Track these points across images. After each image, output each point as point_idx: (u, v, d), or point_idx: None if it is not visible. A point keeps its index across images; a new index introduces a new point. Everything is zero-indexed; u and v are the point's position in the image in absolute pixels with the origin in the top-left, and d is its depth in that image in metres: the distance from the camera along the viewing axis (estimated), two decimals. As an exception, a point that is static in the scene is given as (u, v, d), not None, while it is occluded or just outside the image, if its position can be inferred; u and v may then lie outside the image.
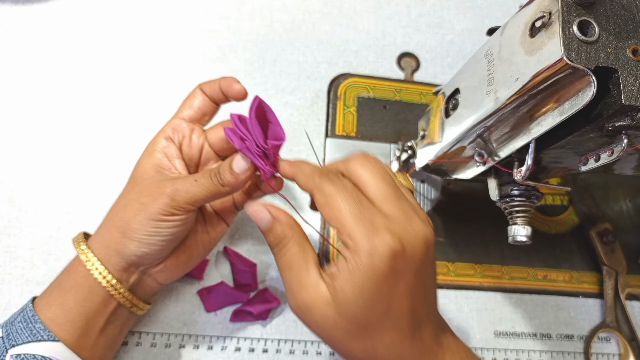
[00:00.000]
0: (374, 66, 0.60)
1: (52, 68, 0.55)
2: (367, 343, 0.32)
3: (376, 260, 0.30)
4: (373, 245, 0.30)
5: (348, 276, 0.30)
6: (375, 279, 0.30)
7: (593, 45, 0.28)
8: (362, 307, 0.30)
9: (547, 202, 0.57)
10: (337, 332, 0.32)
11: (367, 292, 0.30)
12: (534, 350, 0.51)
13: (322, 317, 0.31)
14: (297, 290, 0.32)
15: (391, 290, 0.31)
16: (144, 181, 0.39)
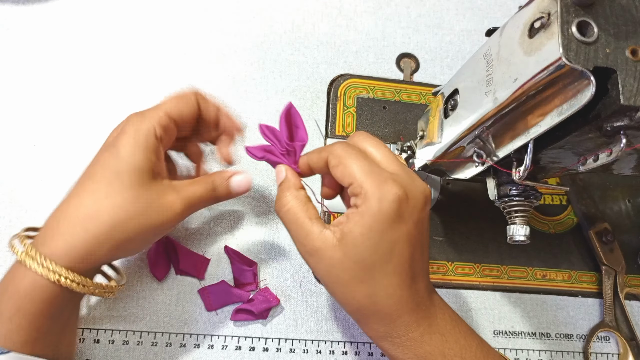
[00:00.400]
0: (374, 67, 0.60)
1: (53, 68, 0.55)
2: (369, 287, 0.35)
3: (384, 204, 0.34)
4: (382, 191, 0.34)
5: (358, 219, 0.34)
6: (382, 221, 0.34)
7: (592, 45, 0.28)
8: (369, 247, 0.34)
9: (546, 201, 0.57)
10: (343, 274, 0.35)
11: (374, 233, 0.34)
12: (533, 350, 0.51)
13: (330, 259, 0.35)
14: (305, 238, 0.36)
15: (395, 234, 0.35)
16: (143, 187, 0.37)
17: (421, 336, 0.37)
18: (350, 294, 0.36)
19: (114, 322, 0.47)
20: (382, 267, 0.35)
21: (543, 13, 0.29)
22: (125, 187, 0.36)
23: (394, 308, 0.36)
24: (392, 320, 0.36)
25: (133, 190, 0.36)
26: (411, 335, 0.37)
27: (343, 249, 0.35)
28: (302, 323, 0.49)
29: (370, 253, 0.34)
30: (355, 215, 0.34)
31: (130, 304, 0.48)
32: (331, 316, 0.50)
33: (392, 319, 0.36)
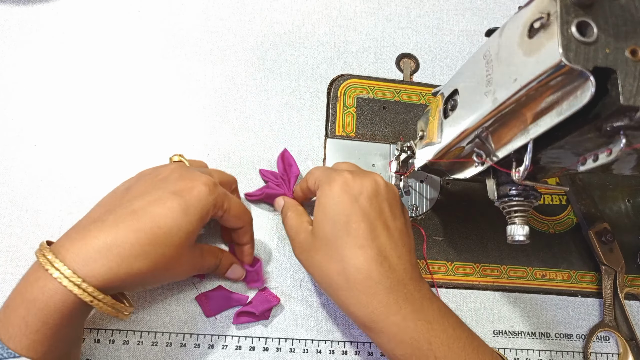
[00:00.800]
0: (374, 67, 0.60)
1: (53, 68, 0.55)
2: (338, 263, 0.40)
3: (333, 185, 0.42)
4: (330, 178, 0.43)
5: (317, 204, 0.43)
6: (333, 198, 0.41)
7: (592, 45, 0.28)
8: (327, 224, 0.41)
9: (546, 201, 0.57)
10: (315, 255, 0.42)
11: (328, 210, 0.41)
12: (533, 350, 0.51)
13: (306, 244, 0.43)
14: (296, 234, 0.45)
15: (347, 208, 0.41)
16: (182, 249, 0.39)
17: (404, 320, 0.38)
18: (326, 274, 0.41)
19: (114, 322, 0.47)
20: (343, 240, 0.40)
21: (543, 13, 0.29)
22: (179, 242, 0.38)
23: (366, 284, 0.39)
24: (368, 298, 0.39)
25: (181, 248, 0.38)
26: (392, 319, 0.38)
27: (313, 232, 0.42)
28: (302, 323, 0.49)
29: (330, 228, 0.41)
30: (316, 206, 0.42)
31: (131, 304, 0.48)
32: (331, 316, 0.50)
33: (367, 297, 0.39)
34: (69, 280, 0.34)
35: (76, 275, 0.34)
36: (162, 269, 0.38)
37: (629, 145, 0.29)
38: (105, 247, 0.35)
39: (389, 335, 0.38)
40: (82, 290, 0.34)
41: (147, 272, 0.37)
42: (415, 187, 0.55)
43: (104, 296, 0.35)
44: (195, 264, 0.42)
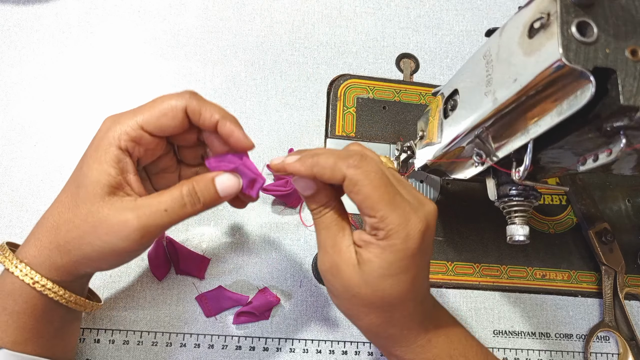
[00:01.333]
0: (374, 67, 0.60)
1: (53, 68, 0.55)
2: (386, 313, 0.35)
3: (409, 243, 0.32)
4: (407, 229, 0.32)
5: (379, 252, 0.33)
6: (406, 258, 0.33)
7: (592, 45, 0.28)
8: (389, 284, 0.33)
9: (546, 201, 0.57)
10: (359, 298, 0.34)
11: (396, 270, 0.33)
12: (533, 350, 0.51)
13: (348, 280, 0.34)
14: (331, 249, 0.35)
15: (417, 267, 0.34)
16: (98, 209, 0.33)
17: (429, 341, 0.37)
18: (365, 316, 0.35)
19: (114, 322, 0.47)
20: (401, 298, 0.34)
21: (543, 13, 0.29)
22: (82, 202, 0.33)
23: (406, 332, 0.36)
24: (403, 337, 0.36)
25: (88, 206, 0.33)
26: (420, 342, 0.37)
27: (362, 275, 0.33)
28: (302, 323, 0.49)
29: (390, 287, 0.33)
30: (375, 248, 0.33)
31: (130, 304, 0.48)
32: (331, 316, 0.50)
33: (403, 336, 0.36)
34: (9, 262, 0.34)
35: (32, 270, 0.34)
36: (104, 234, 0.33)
37: (629, 145, 0.29)
38: (53, 231, 0.34)
39: (412, 356, 0.38)
40: (19, 270, 0.34)
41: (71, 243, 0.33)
42: (415, 187, 0.55)
43: (62, 290, 0.35)
44: (152, 211, 0.33)
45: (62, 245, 0.34)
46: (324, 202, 0.36)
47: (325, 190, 0.36)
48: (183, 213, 0.34)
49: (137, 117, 0.34)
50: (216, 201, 0.35)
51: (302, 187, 0.36)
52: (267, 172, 0.53)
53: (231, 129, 0.35)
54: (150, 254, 0.49)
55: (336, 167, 0.33)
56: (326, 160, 0.33)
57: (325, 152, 0.34)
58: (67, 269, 0.35)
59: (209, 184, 0.35)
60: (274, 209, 0.52)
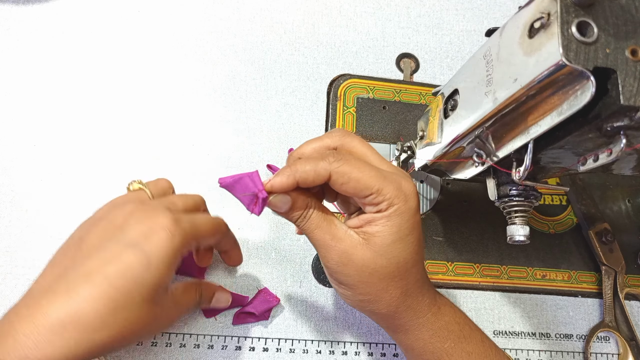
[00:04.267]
0: (374, 67, 0.60)
1: (53, 68, 0.55)
2: (402, 282, 0.37)
3: (409, 202, 0.35)
4: (403, 192, 0.35)
5: (385, 221, 0.35)
6: (409, 218, 0.35)
7: (592, 45, 0.28)
8: (401, 247, 0.35)
9: (546, 202, 0.57)
10: (376, 273, 0.36)
11: (404, 232, 0.35)
12: (533, 350, 0.51)
13: (362, 259, 0.35)
14: (333, 242, 0.36)
15: (418, 226, 0.37)
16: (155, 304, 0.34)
17: (439, 309, 0.39)
18: (385, 290, 0.37)
19: (114, 322, 0.47)
20: (414, 260, 0.37)
21: (543, 13, 0.29)
22: (143, 302, 0.33)
23: (421, 299, 0.38)
24: (419, 306, 0.38)
25: (149, 306, 0.33)
26: (433, 310, 0.39)
27: (373, 248, 0.35)
28: (302, 323, 0.49)
29: (403, 250, 0.36)
30: (380, 219, 0.35)
31: (130, 304, 0.48)
32: (331, 316, 0.50)
33: (419, 305, 0.38)
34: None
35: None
36: (130, 334, 0.33)
37: (630, 146, 0.29)
38: (59, 324, 0.30)
39: (424, 328, 0.39)
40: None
41: (114, 342, 0.32)
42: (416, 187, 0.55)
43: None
44: (170, 315, 0.37)
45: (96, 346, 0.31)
46: (305, 205, 0.37)
47: (301, 195, 0.37)
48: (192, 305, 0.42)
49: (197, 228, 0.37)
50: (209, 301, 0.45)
51: (279, 204, 0.36)
52: (267, 172, 0.53)
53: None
54: (150, 254, 0.49)
55: (319, 167, 0.35)
56: (305, 165, 0.35)
57: (300, 161, 0.36)
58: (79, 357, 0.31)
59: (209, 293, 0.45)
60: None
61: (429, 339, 0.39)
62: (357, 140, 0.39)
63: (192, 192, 0.52)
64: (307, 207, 0.37)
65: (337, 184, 0.35)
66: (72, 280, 0.32)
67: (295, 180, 0.35)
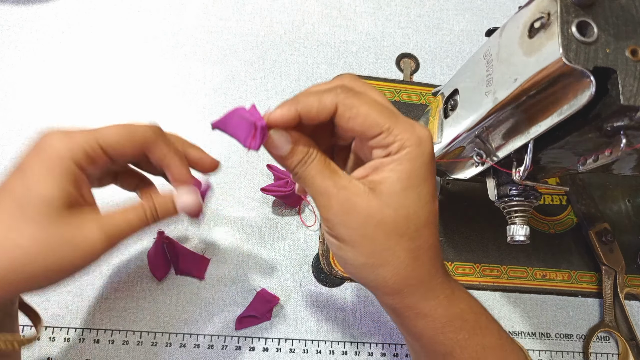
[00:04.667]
0: (374, 67, 0.60)
1: (53, 68, 0.55)
2: (412, 241, 0.32)
3: (424, 147, 0.31)
4: (417, 135, 0.30)
5: (394, 166, 0.30)
6: (423, 164, 0.31)
7: (592, 45, 0.28)
8: (410, 195, 0.31)
9: (546, 201, 0.57)
10: (383, 225, 0.31)
11: (415, 179, 0.31)
12: (533, 350, 0.51)
13: (366, 208, 0.31)
14: (335, 189, 0.31)
15: (432, 176, 0.32)
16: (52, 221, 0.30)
17: (453, 293, 0.34)
18: (392, 250, 0.32)
19: (114, 322, 0.47)
20: (425, 217, 0.32)
21: (543, 13, 0.29)
22: (31, 221, 0.30)
23: (433, 268, 0.34)
24: (430, 281, 0.34)
25: (40, 225, 0.30)
26: (446, 292, 0.34)
27: (379, 197, 0.31)
28: (302, 323, 0.49)
29: (414, 202, 0.31)
30: (389, 163, 0.31)
31: (130, 304, 0.48)
32: (331, 316, 0.50)
33: (430, 280, 0.34)
34: None
35: None
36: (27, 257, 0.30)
37: (630, 146, 0.29)
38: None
39: (440, 310, 0.34)
40: None
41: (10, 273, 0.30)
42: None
43: None
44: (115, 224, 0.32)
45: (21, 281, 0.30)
46: (307, 149, 0.32)
47: (304, 137, 0.32)
48: (143, 225, 0.34)
49: (97, 136, 0.32)
50: (172, 215, 0.35)
51: (279, 143, 0.32)
52: (267, 172, 0.53)
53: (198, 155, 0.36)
54: (149, 254, 0.49)
55: (324, 97, 0.31)
56: (309, 96, 0.31)
57: (302, 93, 0.32)
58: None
59: (168, 202, 0.35)
60: (274, 209, 0.52)
61: (441, 328, 0.34)
62: (368, 86, 0.34)
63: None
64: (309, 150, 0.32)
65: (344, 119, 0.31)
66: None
67: (297, 111, 0.31)
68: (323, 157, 0.32)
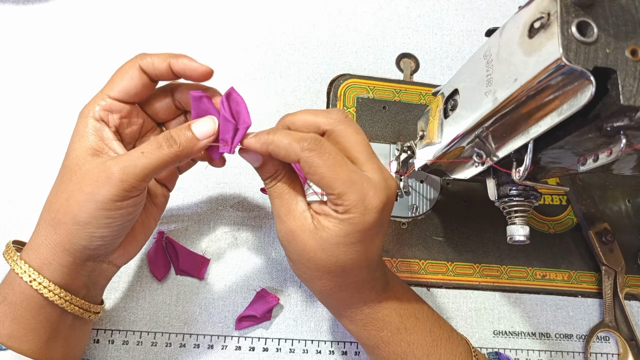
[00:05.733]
0: (374, 67, 0.60)
1: (53, 68, 0.55)
2: (338, 278, 0.37)
3: (367, 217, 0.34)
4: (365, 205, 0.34)
5: (337, 222, 0.35)
6: (363, 231, 0.35)
7: (592, 45, 0.28)
8: (343, 252, 0.35)
9: (546, 202, 0.57)
10: (313, 262, 0.36)
11: (351, 240, 0.35)
12: (533, 350, 0.51)
13: (303, 244, 0.36)
14: (285, 217, 0.36)
15: (371, 239, 0.36)
16: (82, 167, 0.35)
17: (378, 303, 0.40)
18: (318, 280, 0.38)
19: (113, 322, 0.47)
20: (353, 266, 0.36)
21: (543, 13, 0.29)
22: (68, 172, 0.36)
23: (356, 296, 0.39)
24: (353, 300, 0.39)
25: (71, 171, 0.36)
26: (369, 304, 0.40)
27: (318, 240, 0.35)
28: (302, 323, 0.49)
29: (344, 254, 0.35)
30: (334, 218, 0.35)
31: (130, 304, 0.48)
32: (331, 316, 0.50)
33: (353, 300, 0.39)
34: (28, 275, 0.35)
35: (34, 270, 0.35)
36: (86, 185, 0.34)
37: (630, 146, 0.29)
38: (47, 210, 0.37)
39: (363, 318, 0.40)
40: (40, 284, 0.35)
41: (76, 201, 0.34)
42: (415, 187, 0.55)
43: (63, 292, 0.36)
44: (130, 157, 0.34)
45: (53, 218, 0.35)
46: (272, 173, 0.37)
47: (272, 161, 0.37)
48: (160, 154, 0.34)
49: (103, 89, 0.38)
50: (192, 142, 0.35)
51: (250, 159, 0.37)
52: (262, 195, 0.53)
53: (184, 62, 0.36)
54: (149, 254, 0.49)
55: (290, 148, 0.34)
56: (281, 140, 0.34)
57: (281, 132, 0.35)
58: (63, 246, 0.35)
59: (183, 128, 0.36)
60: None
61: (363, 327, 0.40)
62: (352, 129, 0.37)
63: (191, 193, 0.52)
64: (275, 173, 0.37)
65: (304, 171, 0.34)
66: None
67: (268, 151, 0.35)
68: (287, 183, 0.37)
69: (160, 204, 0.42)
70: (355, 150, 0.36)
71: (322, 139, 0.35)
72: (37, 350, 0.36)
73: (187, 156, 0.35)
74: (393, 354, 0.40)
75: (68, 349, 0.38)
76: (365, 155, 0.36)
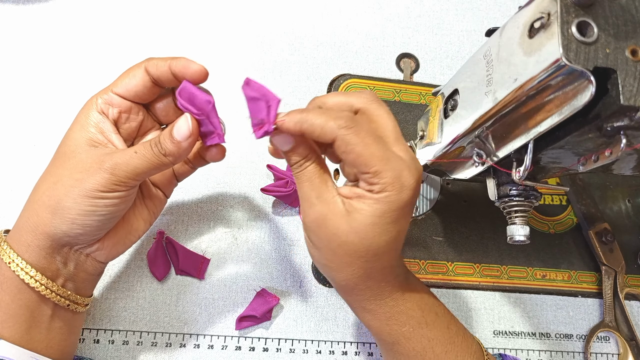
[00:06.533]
0: (374, 67, 0.60)
1: (53, 68, 0.55)
2: (368, 264, 0.36)
3: (403, 195, 0.34)
4: (401, 183, 0.33)
5: (372, 202, 0.34)
6: (398, 210, 0.34)
7: (592, 45, 0.28)
8: (378, 232, 0.34)
9: (546, 202, 0.57)
10: (344, 246, 0.35)
11: (386, 220, 0.34)
12: (533, 350, 0.51)
13: (335, 228, 0.35)
14: (317, 201, 0.35)
15: (405, 219, 0.35)
16: (77, 155, 0.36)
17: (402, 295, 0.39)
18: (348, 264, 0.36)
19: (114, 322, 0.47)
20: (386, 248, 0.35)
21: (543, 13, 0.29)
22: (63, 159, 0.37)
23: (382, 285, 0.38)
24: (379, 290, 0.38)
25: (66, 158, 0.37)
26: (394, 296, 0.39)
27: (351, 223, 0.34)
28: (302, 323, 0.49)
29: (378, 236, 0.34)
30: (368, 199, 0.34)
31: (130, 304, 0.48)
32: (331, 316, 0.50)
33: (379, 289, 0.38)
34: (8, 257, 0.36)
35: (13, 251, 0.36)
36: (77, 172, 0.35)
37: (630, 146, 0.29)
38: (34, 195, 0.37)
39: (385, 309, 0.39)
40: (17, 265, 0.35)
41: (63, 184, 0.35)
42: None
43: (39, 275, 0.36)
44: (123, 153, 0.36)
45: (38, 200, 0.36)
46: (305, 155, 0.36)
47: (305, 143, 0.36)
48: (150, 157, 0.36)
49: (111, 86, 0.39)
50: (174, 144, 0.36)
51: (281, 142, 0.36)
52: (267, 172, 0.53)
53: (181, 63, 0.37)
54: (149, 254, 0.49)
55: (327, 126, 0.33)
56: (316, 118, 0.34)
57: (315, 111, 0.35)
58: (44, 229, 0.35)
59: (167, 131, 0.36)
60: (274, 209, 0.52)
61: (386, 321, 0.39)
62: (384, 109, 0.37)
63: (191, 193, 0.52)
64: (306, 156, 0.36)
65: (339, 150, 0.34)
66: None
67: (301, 130, 0.34)
68: (318, 167, 0.36)
69: (154, 208, 0.43)
70: (387, 129, 0.36)
71: (358, 117, 0.35)
72: (18, 338, 0.36)
73: (176, 158, 0.36)
74: (413, 350, 0.39)
75: (52, 342, 0.38)
76: (395, 136, 0.36)
